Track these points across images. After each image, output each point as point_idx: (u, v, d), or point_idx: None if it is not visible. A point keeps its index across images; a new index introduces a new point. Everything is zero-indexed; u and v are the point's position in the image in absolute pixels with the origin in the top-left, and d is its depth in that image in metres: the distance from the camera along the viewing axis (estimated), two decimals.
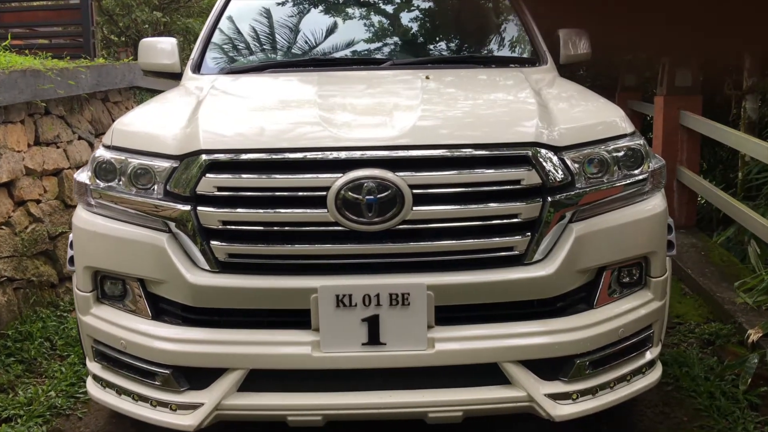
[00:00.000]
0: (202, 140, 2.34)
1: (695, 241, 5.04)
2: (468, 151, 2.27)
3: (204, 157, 2.29)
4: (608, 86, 9.53)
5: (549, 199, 2.28)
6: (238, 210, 2.26)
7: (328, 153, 2.26)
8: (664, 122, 5.43)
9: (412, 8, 3.95)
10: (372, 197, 2.19)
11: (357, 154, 2.25)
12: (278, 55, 3.67)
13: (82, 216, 2.56)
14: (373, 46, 3.66)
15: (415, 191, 2.22)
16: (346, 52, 3.60)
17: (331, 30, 3.69)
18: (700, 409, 2.99)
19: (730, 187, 6.44)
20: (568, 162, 2.33)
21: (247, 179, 2.26)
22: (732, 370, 3.22)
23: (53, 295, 4.36)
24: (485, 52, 3.81)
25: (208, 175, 2.27)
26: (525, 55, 3.61)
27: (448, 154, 2.27)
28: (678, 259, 4.67)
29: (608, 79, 9.60)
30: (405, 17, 3.92)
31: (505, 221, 2.27)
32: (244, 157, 2.29)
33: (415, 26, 3.88)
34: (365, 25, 3.79)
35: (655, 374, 2.55)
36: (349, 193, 2.20)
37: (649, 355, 2.52)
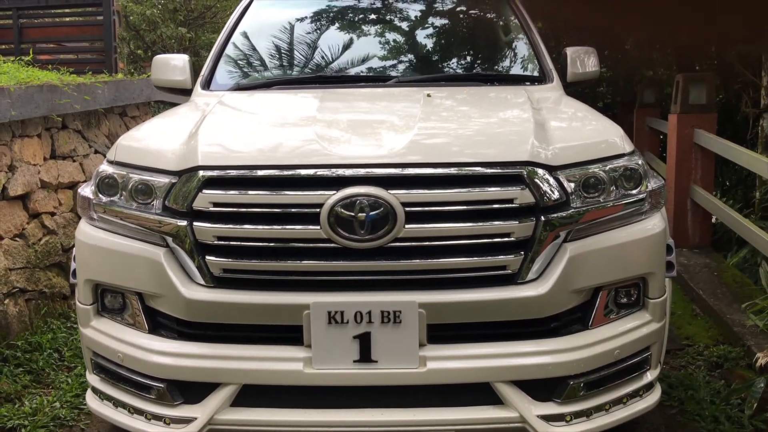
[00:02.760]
0: (200, 156, 2.37)
1: (708, 261, 4.97)
2: (461, 170, 2.27)
3: (201, 173, 2.32)
4: (628, 103, 9.48)
5: (542, 218, 2.27)
6: (233, 225, 2.28)
7: (322, 170, 2.28)
8: (677, 140, 5.38)
9: (420, 26, 3.97)
10: (365, 214, 2.20)
11: (350, 171, 2.26)
12: (286, 72, 3.72)
13: (84, 230, 2.60)
14: (379, 63, 3.69)
15: (407, 209, 2.23)
16: (353, 69, 3.64)
17: (339, 47, 3.73)
18: None
19: (749, 207, 6.35)
20: (563, 181, 2.32)
21: (242, 195, 2.29)
22: (738, 394, 3.16)
23: (65, 307, 4.43)
24: (491, 69, 3.81)
25: (204, 190, 2.30)
26: (531, 73, 3.61)
27: (442, 172, 2.27)
28: (690, 280, 4.61)
29: (628, 95, 9.55)
30: (413, 35, 3.94)
31: (497, 240, 2.26)
32: (239, 173, 2.31)
33: (421, 44, 3.91)
34: (373, 42, 3.82)
35: (653, 397, 2.51)
36: (342, 210, 2.21)
37: (646, 378, 2.49)
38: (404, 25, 3.99)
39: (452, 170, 2.27)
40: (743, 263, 5.14)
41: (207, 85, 3.55)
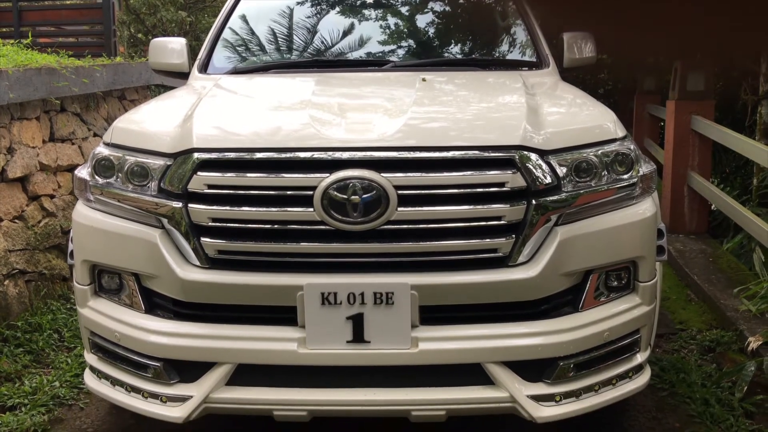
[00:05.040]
0: (195, 139, 2.39)
1: (704, 248, 5.00)
2: (453, 153, 2.29)
3: (196, 155, 2.34)
4: (628, 89, 9.46)
5: (534, 201, 2.29)
6: (228, 207, 2.31)
7: (316, 153, 2.30)
8: (675, 127, 5.39)
9: (417, 11, 3.98)
10: (357, 197, 2.23)
11: (344, 154, 2.28)
12: (283, 56, 3.73)
13: (81, 211, 2.63)
14: (376, 48, 3.70)
15: (400, 192, 2.25)
16: (350, 54, 3.64)
17: (336, 31, 3.73)
18: (694, 415, 2.97)
19: (748, 194, 6.35)
20: (555, 165, 2.34)
21: (236, 177, 2.31)
22: (729, 378, 3.20)
23: (65, 288, 4.47)
24: (487, 54, 3.82)
25: (199, 172, 2.33)
26: (527, 58, 3.62)
27: (434, 155, 2.29)
28: (685, 265, 4.64)
29: (629, 82, 9.52)
30: (409, 20, 3.95)
31: (489, 223, 2.29)
32: (233, 155, 2.33)
33: (418, 29, 3.91)
34: (370, 27, 3.82)
35: (642, 379, 2.54)
36: (336, 193, 2.24)
37: (636, 360, 2.52)
38: (401, 10, 3.99)
39: (444, 154, 2.29)
40: (739, 249, 5.16)
41: (204, 68, 3.57)
